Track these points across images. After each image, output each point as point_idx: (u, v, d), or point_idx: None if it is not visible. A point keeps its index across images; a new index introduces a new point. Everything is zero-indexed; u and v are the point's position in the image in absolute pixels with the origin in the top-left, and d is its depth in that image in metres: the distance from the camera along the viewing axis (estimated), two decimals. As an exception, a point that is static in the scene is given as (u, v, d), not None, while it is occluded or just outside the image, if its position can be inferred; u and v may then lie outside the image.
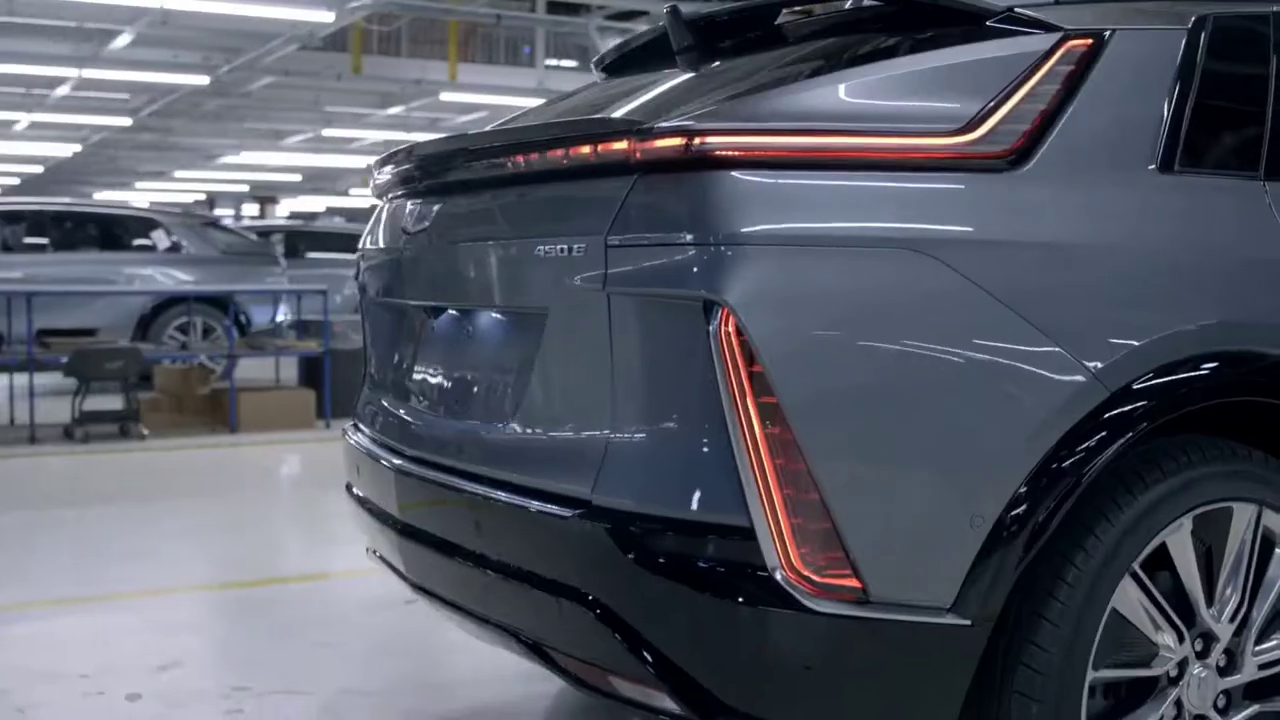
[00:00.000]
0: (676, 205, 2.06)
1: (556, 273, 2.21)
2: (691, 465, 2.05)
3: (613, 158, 2.14)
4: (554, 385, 2.28)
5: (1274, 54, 2.55)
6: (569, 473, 2.20)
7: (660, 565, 2.06)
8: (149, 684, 3.63)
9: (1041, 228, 2.19)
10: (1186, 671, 2.29)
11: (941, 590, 2.04)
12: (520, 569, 2.29)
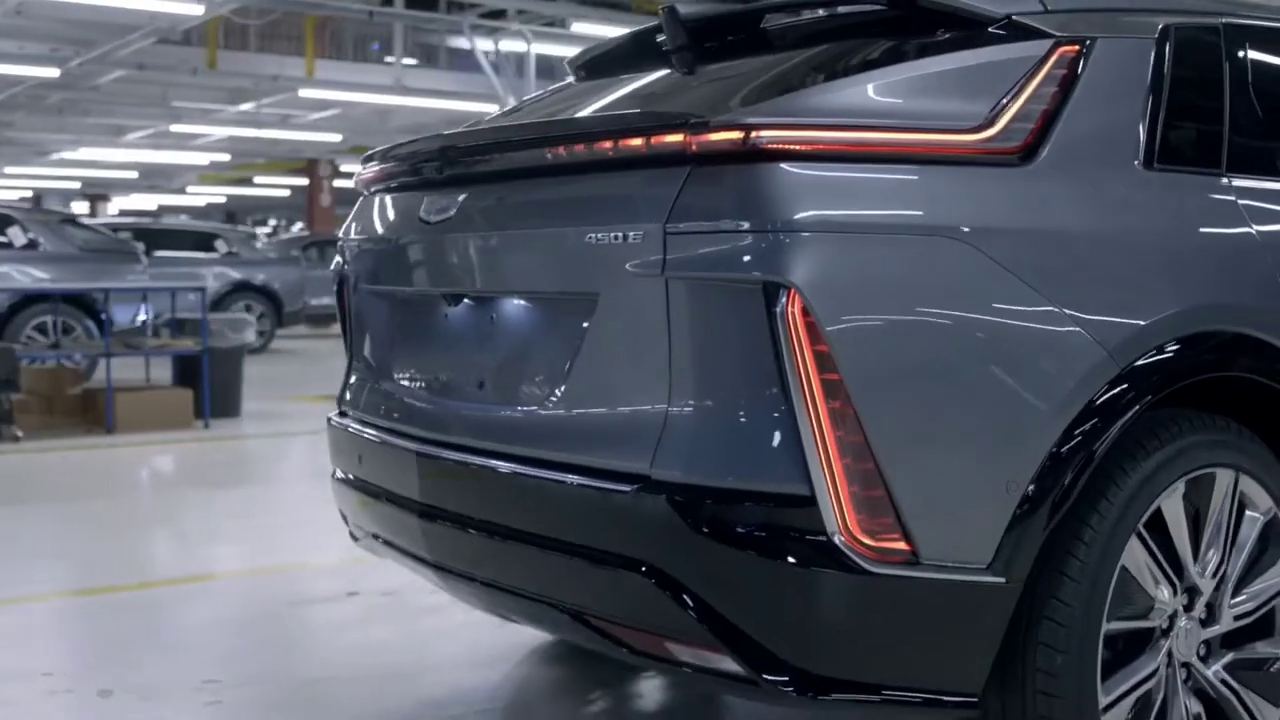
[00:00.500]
0: (736, 195, 2.18)
1: (608, 259, 2.31)
2: (752, 438, 2.18)
3: (667, 150, 2.26)
4: (603, 366, 2.38)
5: (1225, 60, 2.81)
6: (624, 449, 2.31)
7: (722, 533, 2.19)
8: (115, 680, 3.60)
9: (1053, 218, 2.38)
10: (1175, 624, 2.51)
11: (980, 551, 2.22)
12: (569, 542, 2.39)
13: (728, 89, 2.63)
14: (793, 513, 2.15)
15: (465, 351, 2.79)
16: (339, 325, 3.45)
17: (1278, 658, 2.66)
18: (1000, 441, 2.24)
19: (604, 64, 3.47)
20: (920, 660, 2.25)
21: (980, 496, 2.22)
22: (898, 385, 2.17)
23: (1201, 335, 2.48)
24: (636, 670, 3.64)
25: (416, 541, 2.81)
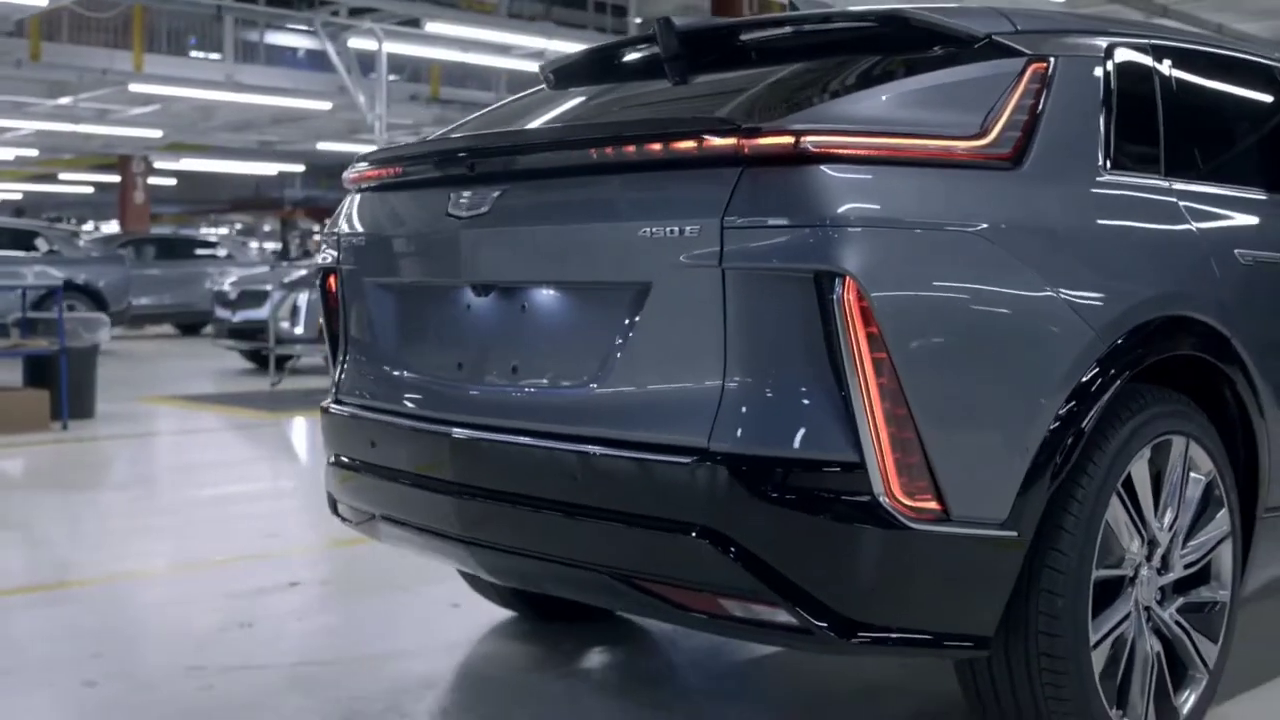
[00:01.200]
0: (788, 194, 2.43)
1: (661, 251, 2.53)
2: (804, 411, 2.44)
3: (720, 152, 2.49)
4: (657, 349, 2.59)
5: (1157, 77, 3.19)
6: (680, 424, 2.53)
7: (777, 497, 2.44)
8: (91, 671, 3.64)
9: (1043, 216, 2.71)
10: (1140, 572, 2.85)
11: (998, 509, 2.51)
12: (624, 511, 2.59)
13: (751, 96, 2.87)
14: (842, 477, 2.41)
15: (493, 339, 2.96)
16: (324, 320, 3.57)
17: (1215, 601, 3.04)
18: (1016, 412, 2.54)
19: (579, 72, 3.66)
20: (946, 606, 2.53)
21: (999, 461, 2.52)
22: (934, 362, 2.45)
23: (1162, 319, 2.83)
24: (595, 646, 3.86)
25: (445, 519, 2.97)
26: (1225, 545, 3.05)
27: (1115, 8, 12.20)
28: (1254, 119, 3.65)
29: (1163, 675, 2.90)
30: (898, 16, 2.94)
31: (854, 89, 2.75)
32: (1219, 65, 3.53)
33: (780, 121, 2.50)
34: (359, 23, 13.09)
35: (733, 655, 3.82)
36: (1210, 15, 13.24)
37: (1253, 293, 3.14)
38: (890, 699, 3.47)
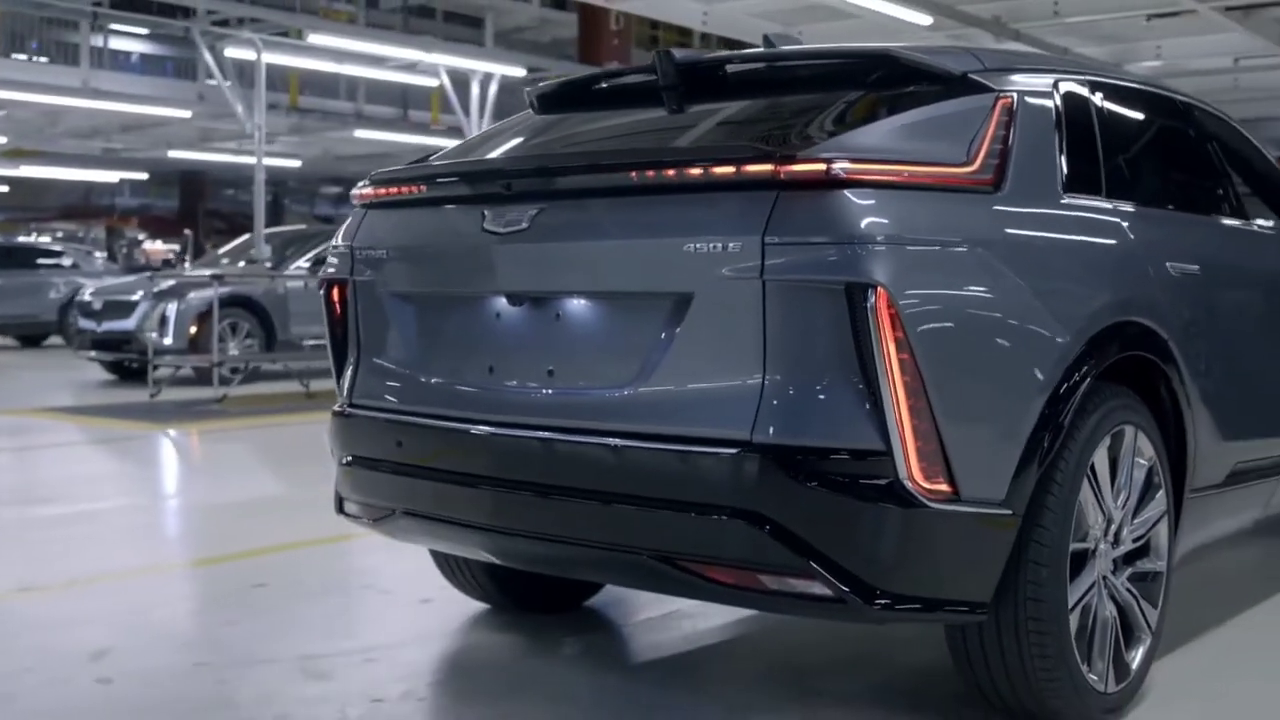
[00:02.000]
0: (823, 214, 2.75)
1: (703, 264, 2.83)
2: (836, 405, 2.76)
3: (757, 176, 2.80)
4: (698, 352, 2.88)
5: (1092, 108, 3.61)
6: (723, 419, 2.83)
7: (813, 482, 2.76)
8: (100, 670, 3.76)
9: (1023, 233, 3.09)
10: (1099, 547, 3.25)
11: (998, 490, 2.88)
12: (667, 499, 2.88)
13: (773, 126, 3.18)
14: (870, 463, 2.74)
15: (526, 344, 3.21)
16: (329, 329, 3.76)
17: (1155, 571, 3.46)
18: (1012, 405, 2.91)
19: (568, 99, 3.92)
20: (953, 575, 2.89)
21: (998, 448, 2.89)
22: (947, 361, 2.79)
23: (1117, 323, 3.24)
24: (572, 633, 4.12)
25: (480, 511, 3.22)
26: (1163, 522, 3.47)
27: (973, 31, 12.90)
28: (1170, 147, 4.12)
29: (1118, 636, 3.30)
30: (888, 55, 3.29)
31: (864, 121, 3.09)
32: (1139, 99, 3.99)
33: (811, 150, 2.82)
34: (238, 32, 13.06)
35: (705, 638, 4.13)
36: (1057, 39, 14.09)
37: (1182, 300, 3.58)
38: (865, 671, 3.82)
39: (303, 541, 5.54)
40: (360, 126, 20.01)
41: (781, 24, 13.77)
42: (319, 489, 6.98)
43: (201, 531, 5.84)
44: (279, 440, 9.35)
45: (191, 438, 9.35)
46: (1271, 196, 4.71)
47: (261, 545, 5.47)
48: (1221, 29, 13.51)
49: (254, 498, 6.88)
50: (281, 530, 5.84)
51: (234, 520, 6.17)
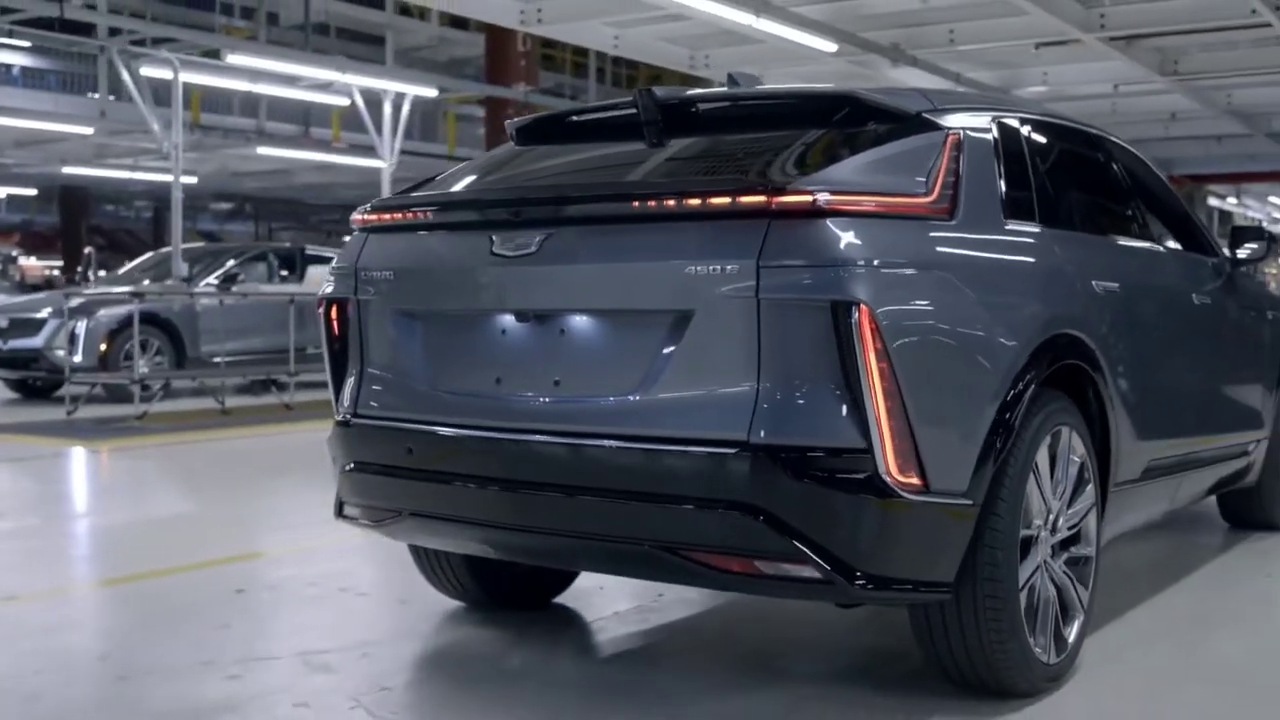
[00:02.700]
0: (810, 240, 3.11)
1: (703, 284, 3.17)
2: (823, 409, 3.12)
3: (751, 206, 3.16)
4: (698, 364, 3.22)
5: (1024, 142, 4.04)
6: (721, 423, 3.17)
7: (803, 477, 3.11)
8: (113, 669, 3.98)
9: (976, 256, 3.49)
10: (1041, 534, 3.66)
11: (960, 483, 3.26)
12: (672, 494, 3.21)
13: (759, 160, 3.51)
14: (853, 459, 3.11)
15: (532, 357, 3.52)
16: (328, 344, 4.02)
17: (1086, 556, 3.88)
18: (974, 409, 3.31)
19: (549, 132, 4.24)
20: (923, 558, 3.26)
21: (961, 447, 3.27)
22: (919, 369, 3.17)
23: (1054, 335, 3.65)
24: (547, 628, 4.42)
25: (489, 510, 3.52)
26: (1092, 513, 3.90)
27: (873, 57, 13.47)
28: (1090, 177, 4.58)
29: (1057, 613, 3.71)
30: (852, 96, 3.68)
31: (837, 156, 3.45)
32: (1062, 134, 4.44)
33: (798, 184, 3.19)
34: (155, 52, 13.10)
35: (673, 629, 4.47)
36: (950, 65, 14.74)
37: (1104, 314, 4.02)
38: (826, 655, 4.19)
39: (267, 551, 5.76)
40: (262, 143, 20.03)
41: (689, 48, 14.23)
42: (273, 501, 7.23)
43: (167, 541, 6.01)
44: (213, 455, 9.47)
45: (123, 454, 9.42)
46: (1169, 220, 5.21)
47: (229, 554, 5.67)
48: (1105, 57, 14.27)
49: (210, 510, 7.04)
50: (245, 540, 6.05)
51: (197, 530, 6.35)
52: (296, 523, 6.55)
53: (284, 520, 6.69)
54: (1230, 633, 4.46)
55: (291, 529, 6.39)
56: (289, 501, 7.36)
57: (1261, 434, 5.56)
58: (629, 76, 29.88)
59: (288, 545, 5.97)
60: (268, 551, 5.78)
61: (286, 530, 6.38)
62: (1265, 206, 37.93)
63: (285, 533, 6.31)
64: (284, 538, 6.18)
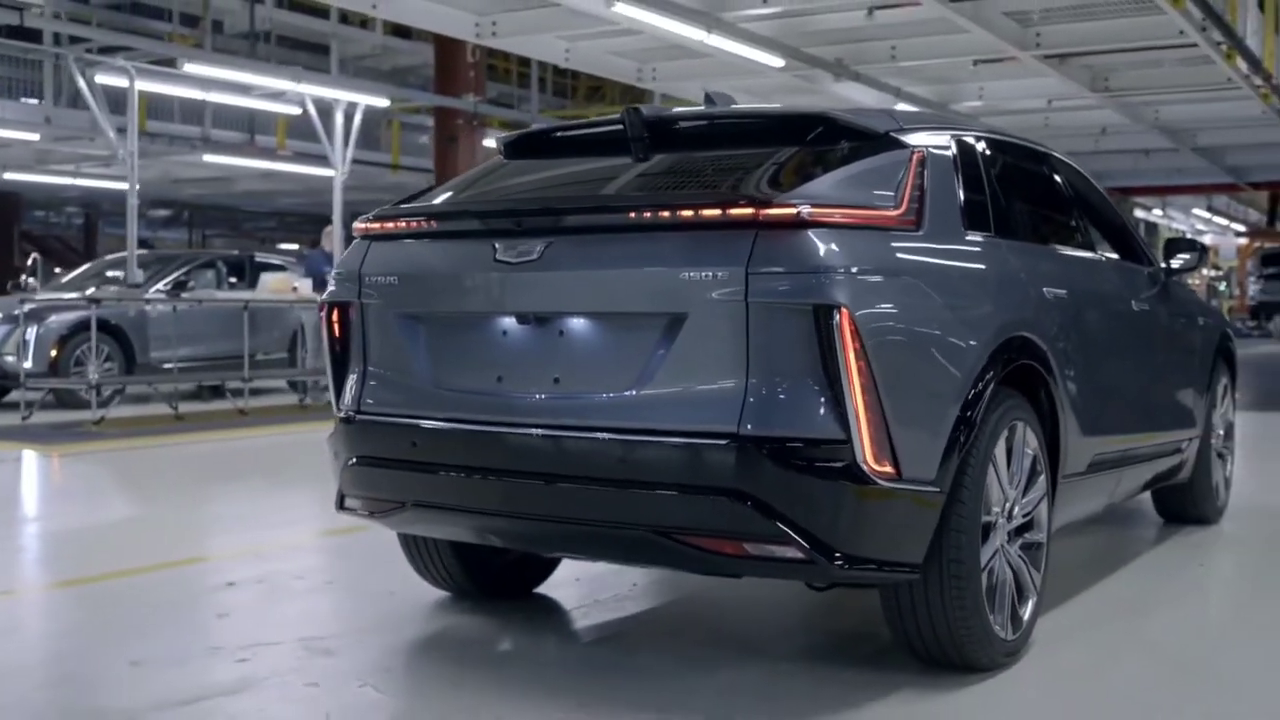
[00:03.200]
0: (794, 249, 3.40)
1: (696, 288, 3.45)
2: (806, 403, 3.41)
3: (739, 218, 3.44)
4: (691, 362, 3.49)
5: (980, 159, 4.36)
6: (713, 416, 3.44)
7: (790, 466, 3.40)
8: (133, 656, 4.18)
9: (941, 264, 3.80)
10: (998, 520, 3.97)
11: (929, 472, 3.57)
12: (667, 482, 3.48)
13: (743, 175, 3.79)
14: (834, 449, 3.40)
15: (533, 357, 3.77)
16: (330, 346, 4.25)
17: (1039, 542, 4.20)
18: (941, 404, 3.61)
19: (536, 147, 4.51)
20: (896, 540, 3.56)
21: (930, 438, 3.57)
22: (894, 367, 3.47)
23: (1010, 338, 3.97)
24: (533, 615, 4.67)
25: (491, 499, 3.77)
26: (1044, 502, 4.22)
27: (818, 72, 13.85)
28: (1039, 191, 4.92)
29: (1014, 594, 4.02)
30: (826, 117, 3.98)
31: (815, 172, 3.75)
32: (1014, 151, 4.78)
33: (782, 198, 3.48)
34: (111, 60, 13.17)
35: (650, 615, 4.74)
36: (891, 80, 15.17)
37: (1054, 319, 4.35)
38: (795, 636, 4.48)
39: (249, 548, 5.96)
40: (208, 151, 20.05)
41: (637, 61, 14.54)
42: (245, 501, 7.41)
43: (149, 540, 6.18)
44: (177, 459, 9.60)
45: (87, 458, 9.52)
46: (1109, 231, 5.58)
47: (212, 552, 5.86)
48: (1039, 74, 14.77)
49: (184, 511, 7.20)
50: (226, 538, 6.24)
51: (175, 529, 6.52)
52: (274, 521, 6.75)
53: (261, 520, 6.88)
54: (1168, 615, 4.81)
55: (270, 527, 6.59)
56: (262, 502, 7.55)
57: (1194, 433, 5.94)
58: (570, 86, 30.16)
59: (269, 542, 6.17)
60: (250, 548, 5.97)
61: (265, 529, 6.57)
62: (1189, 218, 38.96)
63: (264, 531, 6.50)
64: (264, 535, 6.36)
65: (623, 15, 10.50)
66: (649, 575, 5.19)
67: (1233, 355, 6.57)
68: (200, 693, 3.76)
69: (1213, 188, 29.30)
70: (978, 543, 3.76)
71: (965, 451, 3.67)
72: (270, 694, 3.77)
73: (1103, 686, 3.90)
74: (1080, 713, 3.67)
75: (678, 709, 3.60)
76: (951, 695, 3.72)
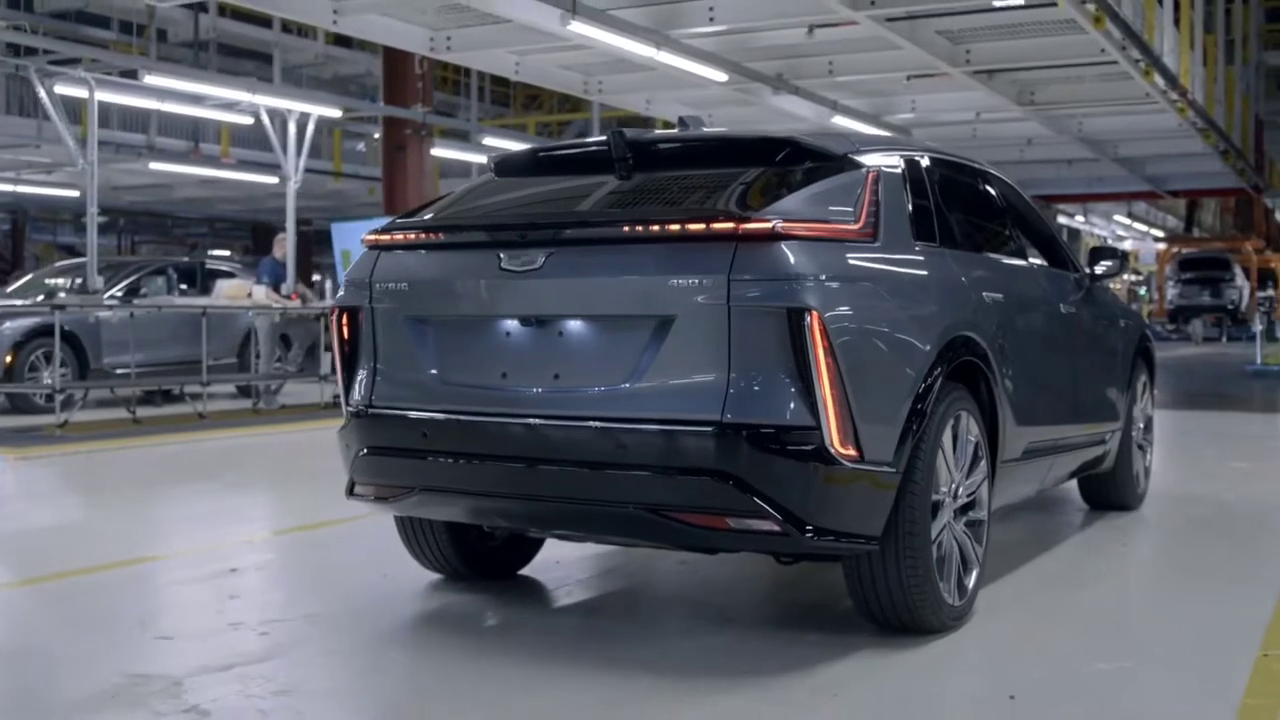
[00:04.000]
0: (769, 259, 3.87)
1: (683, 293, 3.91)
2: (782, 395, 3.88)
3: (722, 231, 3.91)
4: (679, 359, 3.94)
5: (926, 177, 4.87)
6: (699, 407, 3.90)
7: (767, 449, 3.87)
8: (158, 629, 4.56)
9: (896, 271, 4.30)
10: (946, 500, 4.47)
11: (887, 455, 4.05)
12: (660, 465, 3.93)
13: (720, 192, 4.25)
14: (806, 435, 3.87)
15: (534, 355, 4.21)
16: (339, 347, 4.66)
17: (980, 519, 4.70)
18: (897, 395, 4.10)
19: (525, 166, 4.95)
20: (858, 515, 4.03)
21: (887, 425, 4.06)
22: (857, 362, 3.95)
23: (955, 337, 4.47)
24: (524, 593, 5.10)
25: (497, 484, 4.20)
26: (985, 484, 4.73)
27: (758, 86, 14.39)
28: (978, 205, 5.44)
29: (960, 565, 4.52)
30: (791, 140, 4.46)
31: (785, 190, 4.22)
32: (956, 169, 5.29)
33: (759, 214, 3.95)
34: (71, 71, 13.39)
35: (631, 591, 5.20)
36: (828, 93, 15.76)
37: (992, 320, 4.86)
38: (765, 608, 4.96)
39: (242, 538, 6.34)
40: (153, 159, 20.22)
41: (584, 74, 14.99)
42: (227, 498, 7.75)
43: (148, 532, 6.52)
44: (153, 459, 9.89)
45: (62, 460, 9.78)
46: (1040, 241, 6.12)
47: (207, 543, 6.23)
48: (968, 88, 15.43)
49: (172, 507, 7.54)
50: (216, 530, 6.60)
51: (167, 523, 6.87)
52: (258, 515, 7.12)
53: (245, 514, 7.25)
54: (1095, 588, 5.35)
55: (257, 520, 6.97)
56: (244, 498, 7.91)
57: (1116, 425, 6.50)
58: (507, 95, 30.58)
59: (260, 532, 6.55)
60: (243, 539, 6.34)
61: (251, 521, 6.95)
62: (1111, 224, 40.12)
63: (251, 524, 6.88)
64: (253, 527, 6.74)
65: (577, 33, 10.95)
66: (623, 559, 5.64)
67: (1151, 355, 7.16)
68: (233, 660, 4.15)
69: (1133, 195, 30.35)
70: (928, 518, 4.25)
71: (918, 437, 4.17)
72: (298, 659, 4.18)
73: (1036, 646, 4.40)
74: (1016, 668, 4.17)
75: (652, 666, 4.06)
76: (905, 654, 4.21)
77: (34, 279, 16.07)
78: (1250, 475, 8.80)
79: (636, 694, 3.82)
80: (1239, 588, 5.23)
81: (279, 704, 3.72)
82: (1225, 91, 20.47)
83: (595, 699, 3.78)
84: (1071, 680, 3.98)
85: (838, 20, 12.12)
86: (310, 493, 7.58)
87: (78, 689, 3.88)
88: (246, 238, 38.66)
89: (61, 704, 3.78)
